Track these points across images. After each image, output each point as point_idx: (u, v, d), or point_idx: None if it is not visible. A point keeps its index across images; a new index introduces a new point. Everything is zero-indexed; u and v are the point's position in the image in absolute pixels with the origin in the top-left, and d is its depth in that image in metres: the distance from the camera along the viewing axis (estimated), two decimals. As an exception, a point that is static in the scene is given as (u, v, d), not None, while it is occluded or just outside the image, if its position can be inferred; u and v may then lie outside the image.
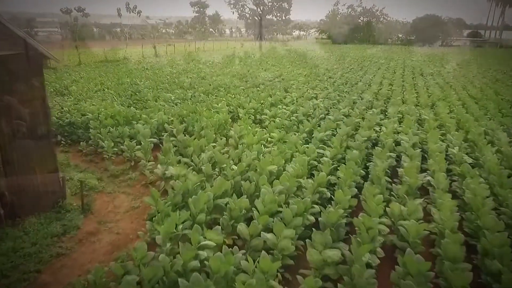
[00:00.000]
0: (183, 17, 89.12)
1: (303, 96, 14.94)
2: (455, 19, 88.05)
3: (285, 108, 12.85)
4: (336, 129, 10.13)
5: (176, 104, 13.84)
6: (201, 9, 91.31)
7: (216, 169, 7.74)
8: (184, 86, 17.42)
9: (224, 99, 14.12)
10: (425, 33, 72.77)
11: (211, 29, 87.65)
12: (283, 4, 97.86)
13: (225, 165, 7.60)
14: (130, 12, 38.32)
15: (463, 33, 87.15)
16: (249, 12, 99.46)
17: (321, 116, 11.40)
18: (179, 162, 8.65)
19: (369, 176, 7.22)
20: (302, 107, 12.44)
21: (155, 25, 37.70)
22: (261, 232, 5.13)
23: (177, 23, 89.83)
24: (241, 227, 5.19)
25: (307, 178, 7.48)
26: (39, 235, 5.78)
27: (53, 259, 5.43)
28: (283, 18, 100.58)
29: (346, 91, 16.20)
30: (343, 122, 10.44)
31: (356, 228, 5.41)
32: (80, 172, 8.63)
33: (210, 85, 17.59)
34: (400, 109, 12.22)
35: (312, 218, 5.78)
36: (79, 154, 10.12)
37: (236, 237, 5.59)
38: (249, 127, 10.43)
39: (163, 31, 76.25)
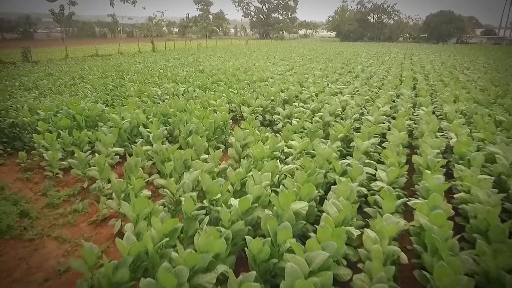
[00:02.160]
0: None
1: (323, 91, 11.88)
2: (467, 17, 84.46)
3: (303, 106, 9.80)
4: (384, 135, 7.07)
5: (163, 101, 10.87)
6: (205, 7, 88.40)
7: (205, 202, 4.70)
8: (178, 80, 14.47)
9: (224, 94, 11.11)
10: (439, 30, 69.12)
11: (214, 27, 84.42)
12: (289, 2, 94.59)
13: (219, 195, 4.57)
14: (124, 2, 35.54)
15: (475, 31, 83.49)
16: (254, 10, 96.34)
17: (354, 116, 8.32)
18: (146, 184, 5.69)
19: (470, 222, 4.13)
20: (327, 104, 9.38)
21: (152, 17, 35.00)
22: None
23: (180, 21, 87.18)
24: None
25: (356, 219, 4.48)
26: None
27: None
28: (289, 16, 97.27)
29: (376, 86, 13.08)
30: (391, 125, 7.36)
31: None
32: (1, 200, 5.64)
33: (208, 79, 14.59)
34: (459, 108, 9.09)
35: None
36: (17, 168, 7.16)
37: None
38: (257, 130, 7.41)
39: (165, 29, 73.44)
